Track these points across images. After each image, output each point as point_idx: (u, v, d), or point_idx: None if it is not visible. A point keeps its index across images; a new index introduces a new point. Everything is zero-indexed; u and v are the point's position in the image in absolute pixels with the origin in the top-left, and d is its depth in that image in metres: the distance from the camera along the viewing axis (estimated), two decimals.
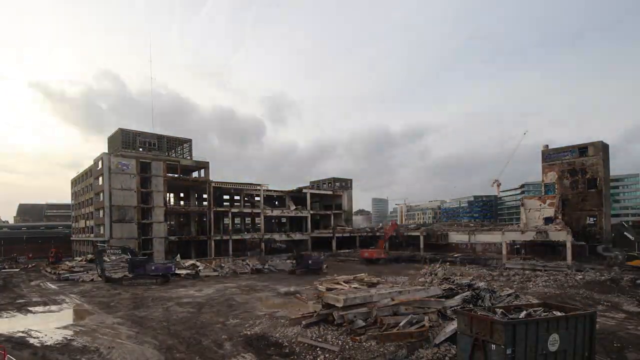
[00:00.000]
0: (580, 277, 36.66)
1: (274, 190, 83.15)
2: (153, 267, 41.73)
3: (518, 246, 55.93)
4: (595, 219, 57.26)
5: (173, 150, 74.35)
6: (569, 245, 48.17)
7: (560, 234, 50.20)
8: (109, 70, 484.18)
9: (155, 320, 22.94)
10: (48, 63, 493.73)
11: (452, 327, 18.17)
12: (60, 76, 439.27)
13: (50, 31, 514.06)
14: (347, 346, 16.41)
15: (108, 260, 45.33)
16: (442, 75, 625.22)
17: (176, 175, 68.94)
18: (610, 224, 60.49)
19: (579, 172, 58.69)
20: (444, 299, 22.03)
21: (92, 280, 43.59)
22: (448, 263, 48.65)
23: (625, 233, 61.75)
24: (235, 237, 72.20)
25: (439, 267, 40.03)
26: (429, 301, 20.84)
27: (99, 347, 17.52)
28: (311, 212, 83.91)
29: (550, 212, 58.82)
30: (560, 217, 56.61)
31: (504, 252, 53.86)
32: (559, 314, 13.29)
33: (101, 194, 62.53)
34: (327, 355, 15.59)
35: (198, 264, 51.66)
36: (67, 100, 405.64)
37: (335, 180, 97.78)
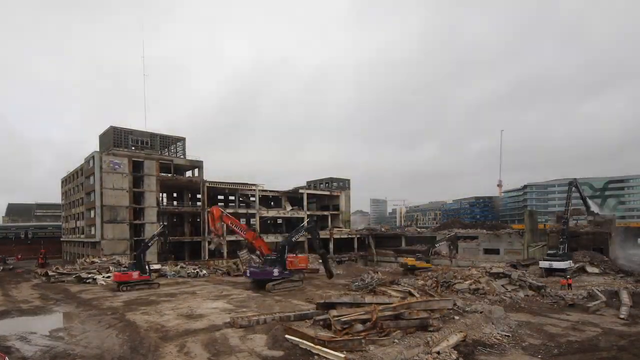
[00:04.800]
0: None
1: (270, 191, 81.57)
2: None
3: None
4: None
5: (166, 149, 72.73)
6: None
7: None
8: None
9: None
10: None
11: (455, 338, 16.85)
12: None
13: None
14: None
15: None
16: None
17: (169, 175, 67.37)
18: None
19: None
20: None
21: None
22: None
23: None
24: (229, 238, 70.52)
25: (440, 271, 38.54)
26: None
27: None
28: (308, 212, 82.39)
29: None
30: None
31: None
32: None
33: (92, 194, 61.00)
34: None
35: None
36: None
37: (332, 180, 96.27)
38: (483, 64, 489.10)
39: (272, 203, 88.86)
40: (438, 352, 15.95)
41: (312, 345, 16.26)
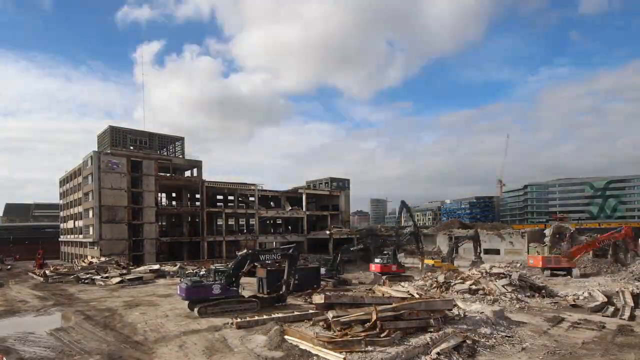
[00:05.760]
0: None
1: (269, 191, 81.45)
2: None
3: None
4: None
5: (165, 149, 72.64)
6: None
7: None
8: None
9: None
10: None
11: (455, 339, 16.71)
12: None
13: None
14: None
15: None
16: None
17: (168, 175, 67.23)
18: None
19: None
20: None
21: None
22: None
23: None
24: (228, 238, 70.49)
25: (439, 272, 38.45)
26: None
27: None
28: (307, 213, 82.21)
29: None
30: None
31: None
32: None
33: (90, 194, 60.74)
34: None
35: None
36: None
37: (332, 180, 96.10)
38: None
39: (271, 203, 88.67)
40: (438, 353, 15.83)
41: (311, 345, 16.13)
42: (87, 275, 43.82)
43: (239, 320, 20.78)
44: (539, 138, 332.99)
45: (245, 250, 53.70)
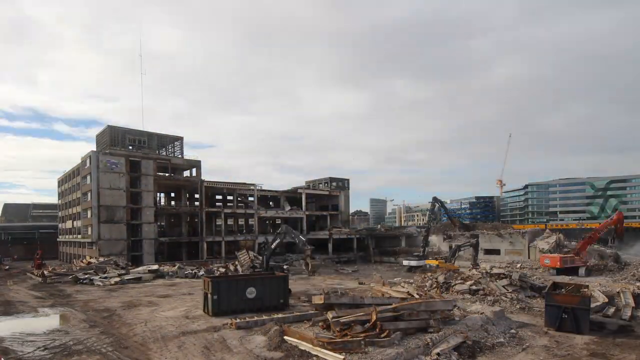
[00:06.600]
0: None
1: (268, 190, 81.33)
2: None
3: None
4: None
5: (164, 149, 72.47)
6: None
7: None
8: None
9: None
10: None
11: (455, 339, 16.62)
12: None
13: None
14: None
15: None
16: None
17: (167, 175, 67.07)
18: None
19: None
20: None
21: None
22: None
23: None
24: (228, 238, 70.27)
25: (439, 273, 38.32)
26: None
27: None
28: (307, 213, 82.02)
29: None
30: None
31: None
32: None
33: (89, 194, 60.54)
34: None
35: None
36: None
37: (332, 179, 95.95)
38: None
39: (270, 203, 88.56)
40: (438, 354, 15.73)
41: (311, 346, 16.03)
42: (86, 276, 43.66)
43: (237, 320, 20.67)
44: None
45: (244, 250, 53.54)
